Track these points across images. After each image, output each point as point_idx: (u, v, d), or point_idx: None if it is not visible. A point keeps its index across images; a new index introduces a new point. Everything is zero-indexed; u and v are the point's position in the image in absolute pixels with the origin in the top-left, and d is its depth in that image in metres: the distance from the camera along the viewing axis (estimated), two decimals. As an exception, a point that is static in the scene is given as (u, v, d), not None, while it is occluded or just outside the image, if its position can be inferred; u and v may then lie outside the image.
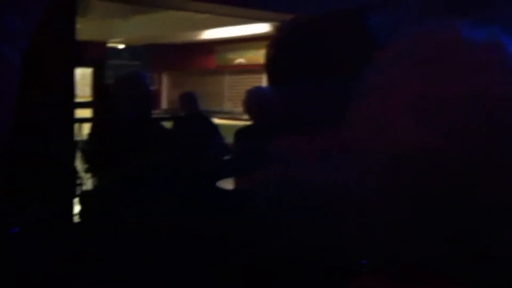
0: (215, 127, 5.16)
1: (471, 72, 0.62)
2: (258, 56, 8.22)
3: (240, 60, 9.60)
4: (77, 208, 3.26)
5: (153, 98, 3.42)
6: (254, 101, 3.78)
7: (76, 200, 3.36)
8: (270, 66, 1.00)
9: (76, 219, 3.21)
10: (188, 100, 5.30)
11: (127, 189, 2.86)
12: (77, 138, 3.81)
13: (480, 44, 0.64)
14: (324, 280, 0.74)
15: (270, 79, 1.01)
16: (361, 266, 0.69)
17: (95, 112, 4.47)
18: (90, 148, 3.35)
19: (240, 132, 3.87)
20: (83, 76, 5.60)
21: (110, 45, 10.06)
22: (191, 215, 0.92)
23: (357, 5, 0.96)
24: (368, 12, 0.95)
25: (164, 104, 10.47)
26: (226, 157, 4.40)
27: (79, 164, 3.52)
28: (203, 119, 5.19)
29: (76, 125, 3.96)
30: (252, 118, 3.87)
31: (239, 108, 4.50)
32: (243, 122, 4.65)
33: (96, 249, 0.85)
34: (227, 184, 2.94)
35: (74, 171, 3.48)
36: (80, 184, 3.48)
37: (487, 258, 0.63)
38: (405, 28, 0.70)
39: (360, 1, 0.93)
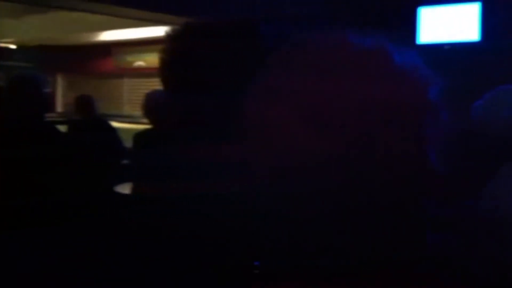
0: (113, 130, 5.04)
1: (356, 78, 0.64)
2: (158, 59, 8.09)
3: (140, 63, 9.44)
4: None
5: (47, 101, 3.30)
6: (152, 105, 3.73)
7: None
8: (164, 72, 1.00)
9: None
10: (84, 103, 5.16)
11: (19, 195, 2.74)
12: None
13: (365, 51, 0.67)
14: (219, 282, 0.75)
15: (164, 85, 1.01)
16: (254, 267, 0.70)
17: (-16, 116, 4.24)
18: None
19: (139, 136, 3.81)
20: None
21: (1, 45, 9.57)
22: (86, 220, 0.91)
23: (252, 14, 0.98)
24: (262, 21, 0.97)
25: (59, 107, 10.09)
26: (124, 161, 4.31)
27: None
28: (100, 123, 5.07)
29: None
30: (151, 122, 3.82)
31: (139, 112, 4.42)
32: (143, 125, 4.57)
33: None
34: (125, 189, 2.89)
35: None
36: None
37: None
38: (296, 37, 0.72)
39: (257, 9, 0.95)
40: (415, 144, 0.64)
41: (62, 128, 4.58)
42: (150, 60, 8.97)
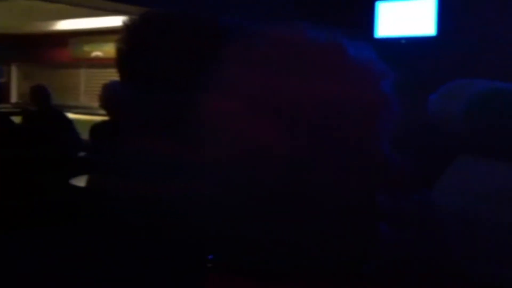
0: (69, 122, 4.96)
1: (309, 71, 0.64)
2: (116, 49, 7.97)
3: (97, 53, 9.29)
4: None
5: (1, 91, 3.23)
6: (110, 96, 3.69)
7: None
8: (121, 62, 0.98)
9: None
10: (39, 93, 5.05)
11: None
12: None
13: (319, 45, 0.68)
14: (174, 275, 0.75)
15: (121, 75, 0.99)
16: (208, 261, 0.70)
17: None
18: None
19: (95, 128, 3.76)
20: None
21: (-48, 33, 9.28)
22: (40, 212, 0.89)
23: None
24: (220, 13, 0.97)
25: (14, 98, 9.86)
26: (81, 154, 4.25)
27: None
28: (56, 114, 4.97)
29: None
30: (108, 113, 3.78)
31: (96, 103, 4.36)
32: (101, 117, 4.52)
33: None
34: (81, 181, 2.85)
35: None
36: None
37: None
38: (252, 30, 0.72)
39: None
40: (368, 137, 0.64)
41: (16, 119, 4.48)
42: (108, 50, 8.84)
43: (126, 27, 0.97)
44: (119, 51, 0.97)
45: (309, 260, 0.64)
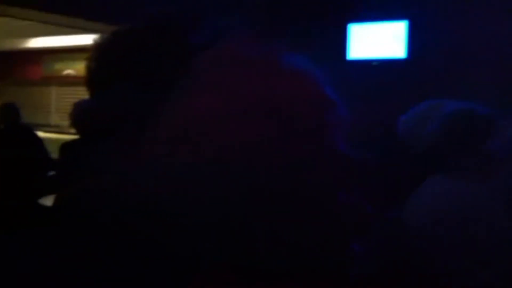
0: (39, 141, 4.90)
1: (246, 78, 0.66)
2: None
3: (69, 71, 9.24)
4: None
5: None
6: (80, 115, 3.66)
7: None
8: (91, 79, 0.98)
9: None
10: (8, 112, 4.99)
11: None
12: None
13: (261, 55, 0.69)
14: (173, 275, 0.74)
15: (91, 93, 0.99)
16: (202, 262, 0.70)
17: None
18: None
19: (65, 147, 3.73)
20: None
21: None
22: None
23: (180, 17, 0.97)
24: (192, 24, 0.97)
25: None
26: (51, 173, 4.20)
27: None
28: (26, 132, 4.91)
29: None
30: (78, 131, 3.75)
31: (67, 122, 4.32)
32: (72, 136, 4.48)
33: None
34: (50, 200, 2.82)
35: None
36: None
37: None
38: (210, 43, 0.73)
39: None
40: (316, 139, 0.65)
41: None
42: (79, 68, 8.80)
43: (95, 44, 0.97)
44: (89, 68, 0.97)
45: (309, 260, 0.64)
